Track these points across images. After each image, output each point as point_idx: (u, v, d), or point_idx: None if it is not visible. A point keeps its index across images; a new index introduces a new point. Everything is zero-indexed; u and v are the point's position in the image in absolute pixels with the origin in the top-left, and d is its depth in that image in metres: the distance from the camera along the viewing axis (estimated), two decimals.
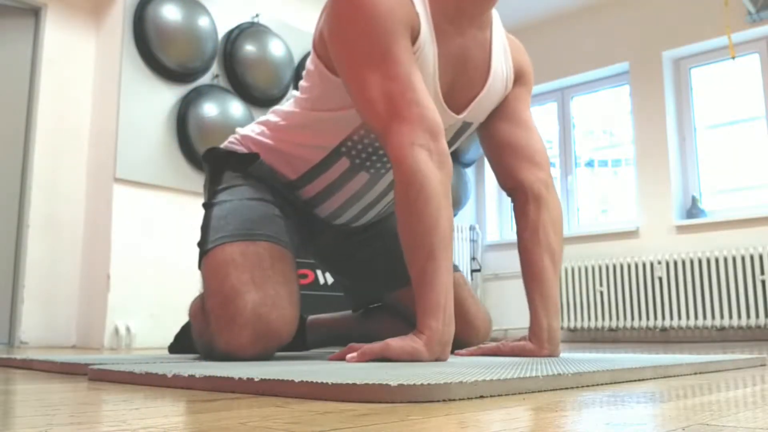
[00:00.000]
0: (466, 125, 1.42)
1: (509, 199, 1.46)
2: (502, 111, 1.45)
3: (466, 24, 1.31)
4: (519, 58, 1.47)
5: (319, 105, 1.39)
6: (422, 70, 1.24)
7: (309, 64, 1.39)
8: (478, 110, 1.40)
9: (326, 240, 1.62)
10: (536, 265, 1.35)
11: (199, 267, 1.40)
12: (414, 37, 1.23)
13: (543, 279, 1.34)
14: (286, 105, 1.49)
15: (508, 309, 4.60)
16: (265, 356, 1.27)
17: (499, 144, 1.44)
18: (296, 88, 1.50)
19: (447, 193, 1.17)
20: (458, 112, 1.37)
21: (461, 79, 1.34)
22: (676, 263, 4.00)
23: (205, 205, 1.48)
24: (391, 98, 1.17)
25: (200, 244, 1.40)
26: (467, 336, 1.54)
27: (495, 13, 1.40)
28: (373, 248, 1.65)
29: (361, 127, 1.37)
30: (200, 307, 1.40)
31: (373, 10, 1.18)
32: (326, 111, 1.38)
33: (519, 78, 1.46)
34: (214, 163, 1.53)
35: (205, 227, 1.41)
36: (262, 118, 1.54)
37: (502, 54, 1.41)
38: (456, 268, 1.55)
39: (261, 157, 1.47)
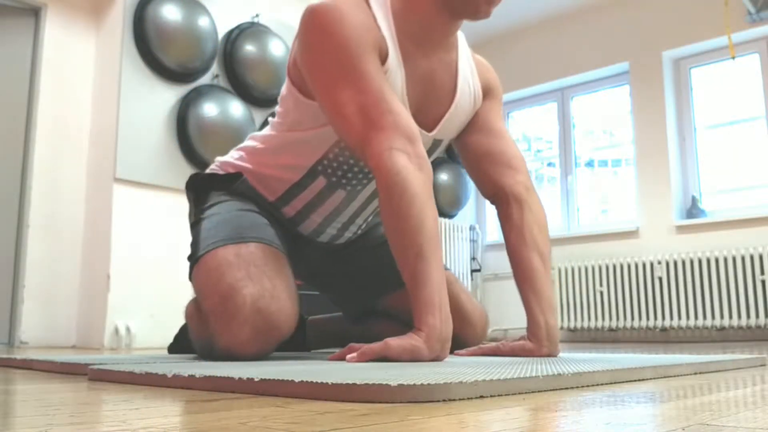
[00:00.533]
0: (437, 142, 1.47)
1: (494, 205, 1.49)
2: (475, 124, 1.50)
3: (432, 46, 1.37)
4: (486, 75, 1.52)
5: (294, 127, 1.44)
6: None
7: (284, 90, 1.45)
8: (447, 128, 1.45)
9: (312, 257, 1.62)
10: (526, 265, 1.37)
11: (190, 278, 1.39)
12: (382, 60, 1.28)
13: (535, 278, 1.35)
14: (264, 130, 1.54)
15: (507, 309, 4.60)
16: (266, 352, 1.27)
17: (476, 154, 1.49)
18: (273, 114, 1.54)
19: (430, 194, 1.20)
20: (428, 131, 1.42)
21: (429, 99, 1.39)
22: (676, 263, 4.00)
23: (192, 224, 1.49)
24: (365, 111, 1.22)
25: (190, 256, 1.40)
26: (465, 332, 1.54)
27: (461, 35, 1.46)
28: (359, 261, 1.67)
29: (336, 145, 1.41)
30: (196, 309, 1.40)
31: (342, 32, 1.24)
32: (302, 131, 1.42)
33: (487, 93, 1.52)
34: (196, 188, 1.55)
35: (195, 240, 1.42)
36: (241, 144, 1.59)
37: (469, 73, 1.46)
38: (445, 268, 1.56)
39: (243, 175, 1.50)
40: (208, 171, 1.58)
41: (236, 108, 3.64)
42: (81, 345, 3.34)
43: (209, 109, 3.54)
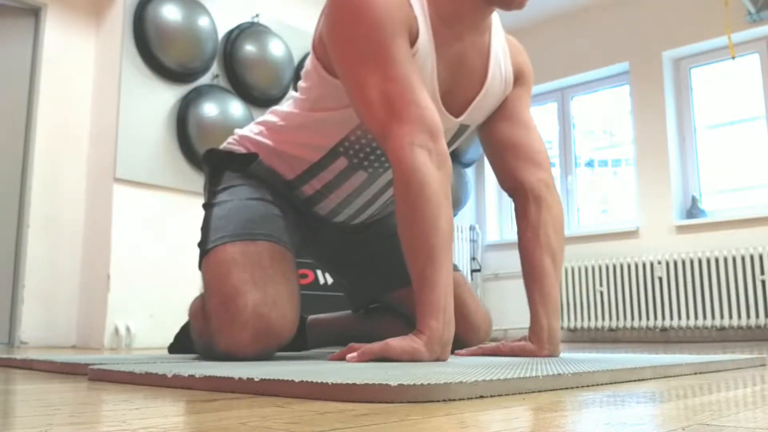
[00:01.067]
0: (463, 127, 1.43)
1: (509, 199, 1.46)
2: (502, 111, 1.45)
3: (465, 29, 1.32)
4: (519, 59, 1.47)
5: (317, 105, 1.39)
6: (420, 73, 1.24)
7: (308, 65, 1.40)
8: (475, 113, 1.41)
9: (326, 238, 1.62)
10: (537, 265, 1.35)
11: (200, 267, 1.40)
12: (412, 40, 1.24)
13: (543, 279, 1.34)
14: (285, 105, 1.49)
15: (508, 309, 4.60)
16: (265, 356, 1.27)
17: (500, 144, 1.45)
18: (296, 88, 1.51)
19: (447, 194, 1.17)
20: (456, 115, 1.38)
21: (459, 83, 1.35)
22: (676, 263, 4.00)
23: (205, 206, 1.49)
24: (389, 99, 1.18)
25: (200, 244, 1.40)
26: (467, 336, 1.54)
27: (495, 16, 1.41)
28: (372, 248, 1.65)
29: (358, 126, 1.38)
30: (200, 307, 1.40)
31: (371, 11, 1.19)
32: (325, 111, 1.39)
33: (518, 79, 1.47)
34: (213, 164, 1.53)
35: (206, 227, 1.42)
36: (261, 118, 1.55)
37: (501, 56, 1.41)
38: (455, 268, 1.55)
39: (260, 157, 1.48)
40: (225, 144, 1.55)
41: (236, 108, 3.64)
42: (81, 345, 3.34)
43: (209, 109, 3.54)
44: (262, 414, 0.59)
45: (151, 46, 3.42)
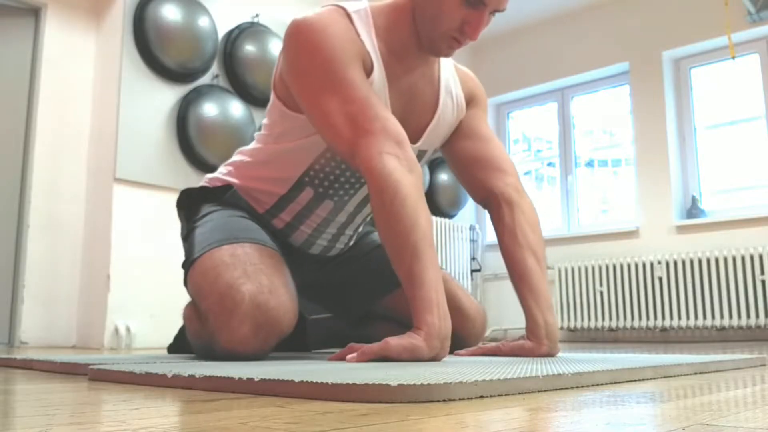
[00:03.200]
0: (421, 153, 1.49)
1: (486, 209, 1.51)
2: (462, 131, 1.53)
3: (414, 62, 1.40)
4: (469, 84, 1.55)
5: (281, 140, 1.46)
6: None
7: (270, 105, 1.47)
8: (431, 138, 1.48)
9: (304, 268, 1.62)
10: (521, 265, 1.38)
11: (185, 284, 1.39)
12: (367, 73, 1.31)
13: (530, 277, 1.36)
14: (251, 144, 1.56)
15: (507, 309, 4.60)
16: (266, 349, 1.26)
17: (465, 159, 1.52)
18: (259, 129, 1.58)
19: (421, 195, 1.22)
20: (413, 142, 1.43)
21: (412, 112, 1.42)
22: (676, 263, 4.00)
23: (184, 237, 1.50)
24: (353, 119, 1.24)
25: (185, 263, 1.41)
26: (464, 328, 1.54)
27: None
28: (350, 268, 1.68)
29: (322, 155, 1.43)
30: (193, 310, 1.40)
31: (326, 44, 1.27)
32: (288, 143, 1.44)
33: (471, 101, 1.54)
34: (188, 202, 1.57)
35: (189, 246, 1.43)
36: (229, 160, 1.61)
37: (452, 84, 1.49)
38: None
39: (234, 187, 1.52)
40: (198, 186, 1.60)
41: (236, 108, 3.64)
42: (81, 345, 3.34)
43: (209, 109, 3.54)
44: (262, 414, 0.59)
45: (151, 46, 3.42)
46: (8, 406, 0.70)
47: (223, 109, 3.58)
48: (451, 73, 1.51)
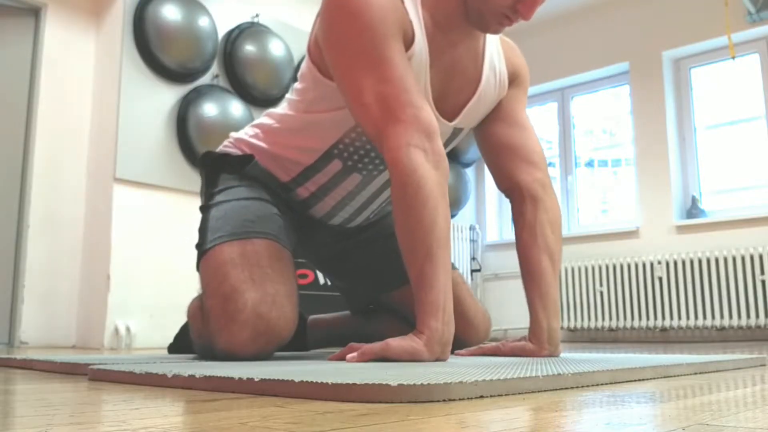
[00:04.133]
0: (457, 131, 1.44)
1: (508, 199, 1.46)
2: (498, 113, 1.46)
3: (459, 35, 1.33)
4: (514, 60, 1.48)
5: (312, 107, 1.40)
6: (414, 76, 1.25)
7: (303, 67, 1.41)
8: (469, 117, 1.42)
9: (322, 241, 1.62)
10: (535, 265, 1.35)
11: (197, 268, 1.40)
12: (407, 45, 1.24)
13: (542, 279, 1.34)
14: (280, 108, 1.50)
15: (508, 309, 4.60)
16: (265, 355, 1.27)
17: (496, 145, 1.45)
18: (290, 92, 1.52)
19: (444, 193, 1.18)
20: (449, 119, 1.39)
21: (451, 87, 1.36)
22: (676, 263, 4.00)
23: (202, 209, 1.49)
24: (385, 101, 1.18)
25: (198, 246, 1.40)
26: (467, 335, 1.54)
27: None
28: (368, 250, 1.65)
29: (353, 129, 1.38)
30: (198, 308, 1.40)
31: (367, 13, 1.19)
32: (319, 113, 1.39)
33: (514, 80, 1.47)
34: (209, 166, 1.54)
35: (203, 229, 1.41)
36: (256, 121, 1.56)
37: (496, 60, 1.42)
38: (453, 267, 1.55)
39: (255, 158, 1.48)
40: (221, 147, 1.56)
41: (236, 108, 3.64)
42: (81, 345, 3.34)
43: (209, 109, 3.54)
44: (262, 414, 0.59)
45: (151, 46, 3.42)
46: (8, 406, 0.70)
47: (223, 109, 3.58)
48: (496, 46, 1.43)
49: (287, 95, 1.50)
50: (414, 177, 1.14)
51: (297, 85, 1.44)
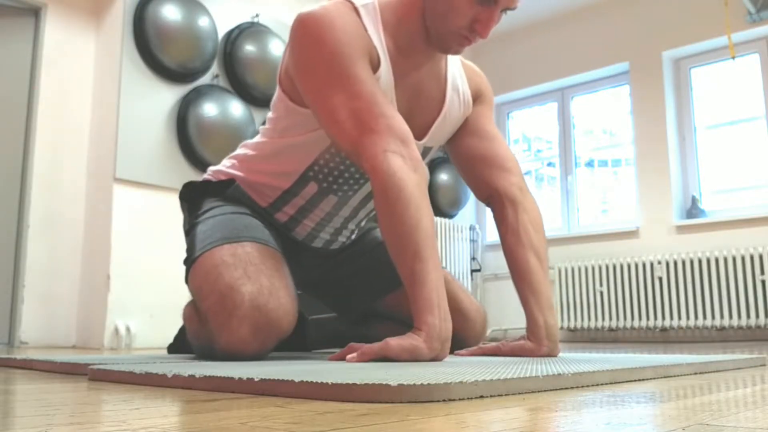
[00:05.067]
0: (427, 149, 1.49)
1: (489, 208, 1.50)
2: (466, 128, 1.52)
3: (421, 58, 1.38)
4: (476, 79, 1.54)
5: (285, 133, 1.45)
6: None
7: (275, 98, 1.47)
8: (437, 135, 1.47)
9: (307, 263, 1.62)
10: (523, 264, 1.37)
11: (186, 281, 1.39)
12: (373, 68, 1.30)
13: (532, 277, 1.36)
14: (256, 137, 1.55)
15: (507, 309, 4.60)
16: (265, 350, 1.26)
17: (470, 157, 1.51)
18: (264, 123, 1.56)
19: (425, 194, 1.21)
20: (418, 138, 1.42)
21: (417, 108, 1.41)
22: (676, 263, 4.00)
23: (187, 231, 1.50)
24: (358, 115, 1.22)
25: (186, 259, 1.40)
26: (464, 329, 1.54)
27: None
28: (353, 265, 1.67)
29: (326, 150, 1.42)
30: (194, 310, 1.40)
31: (333, 38, 1.25)
32: (292, 137, 1.44)
33: (477, 98, 1.53)
34: (190, 197, 1.56)
35: (191, 243, 1.42)
36: (233, 153, 1.60)
37: (459, 81, 1.48)
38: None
39: (236, 182, 1.51)
40: (201, 179, 1.59)
41: (236, 108, 3.64)
42: (81, 345, 3.34)
43: (209, 109, 3.54)
44: (262, 414, 0.59)
45: (151, 46, 3.42)
46: (8, 406, 0.70)
47: (223, 109, 3.58)
48: (458, 68, 1.50)
49: (261, 126, 1.54)
50: (394, 180, 1.18)
51: (270, 114, 1.50)
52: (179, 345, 1.74)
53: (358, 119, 1.22)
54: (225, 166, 1.57)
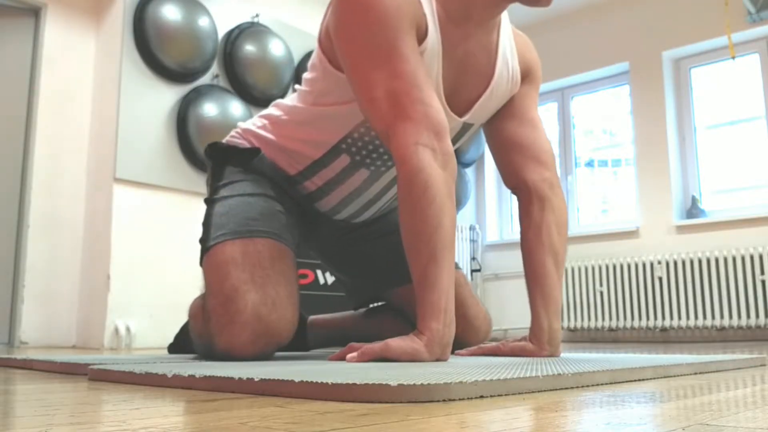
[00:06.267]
0: (467, 126, 1.42)
1: (510, 199, 1.47)
2: (508, 109, 1.43)
3: (473, 28, 1.30)
4: (527, 55, 1.45)
5: (321, 99, 1.38)
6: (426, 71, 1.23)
7: (313, 57, 1.39)
8: (480, 112, 1.40)
9: (327, 235, 1.61)
10: (539, 266, 1.34)
11: (201, 264, 1.40)
12: (420, 38, 1.22)
13: (545, 280, 1.33)
14: (289, 99, 1.48)
15: (508, 309, 4.60)
16: (264, 356, 1.27)
17: (505, 142, 1.43)
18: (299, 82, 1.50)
19: (451, 193, 1.17)
20: (460, 115, 1.37)
21: (463, 82, 1.33)
22: (676, 263, 4.00)
23: (206, 201, 1.48)
24: (395, 97, 1.16)
25: (202, 241, 1.40)
26: (467, 336, 1.54)
27: (504, 13, 1.38)
28: (374, 245, 1.65)
29: (362, 124, 1.37)
30: (200, 307, 1.40)
31: (380, 6, 1.17)
32: (328, 106, 1.37)
33: (526, 76, 1.44)
34: (215, 158, 1.53)
35: (207, 224, 1.41)
36: (265, 111, 1.54)
37: (509, 55, 1.39)
38: (457, 266, 1.54)
39: (262, 151, 1.47)
40: (228, 138, 1.55)
41: (236, 108, 3.64)
42: (81, 345, 3.34)
43: (209, 109, 3.54)
44: (262, 414, 0.59)
45: (151, 46, 3.42)
46: (8, 406, 0.70)
47: (223, 109, 3.58)
48: (509, 40, 1.39)
49: (296, 86, 1.48)
50: (421, 176, 1.13)
51: (306, 75, 1.42)
52: (180, 345, 1.74)
53: (395, 101, 1.15)
54: (256, 125, 1.50)
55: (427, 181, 1.13)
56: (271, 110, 1.51)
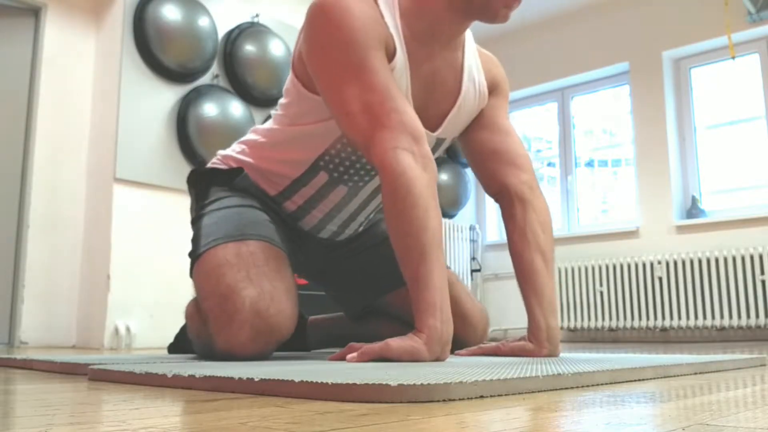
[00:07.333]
0: (440, 141, 1.46)
1: (498, 204, 1.48)
2: (480, 121, 1.48)
3: (438, 46, 1.35)
4: (493, 70, 1.51)
5: (297, 121, 1.42)
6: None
7: (287, 83, 1.44)
8: (450, 127, 1.44)
9: (313, 253, 1.62)
10: (528, 265, 1.36)
11: (191, 275, 1.39)
12: (389, 56, 1.26)
13: (537, 279, 1.35)
14: (267, 124, 1.53)
15: (508, 309, 4.60)
16: (265, 353, 1.27)
17: (482, 151, 1.48)
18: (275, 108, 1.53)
19: (434, 195, 1.19)
20: (432, 130, 1.40)
21: (432, 99, 1.38)
22: (676, 263, 4.00)
23: (193, 221, 1.49)
24: (370, 109, 1.20)
25: (191, 253, 1.40)
26: (465, 333, 1.54)
27: (468, 32, 1.43)
28: (360, 258, 1.66)
29: (338, 140, 1.40)
30: (196, 309, 1.40)
31: (349, 25, 1.22)
32: (305, 125, 1.41)
33: (493, 90, 1.50)
34: (198, 182, 1.55)
35: (196, 237, 1.41)
36: (243, 138, 1.58)
37: (474, 71, 1.45)
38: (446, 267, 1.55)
39: (245, 170, 1.50)
40: (209, 165, 1.57)
41: (236, 108, 3.64)
42: (81, 345, 3.34)
43: (209, 109, 3.54)
44: (262, 414, 0.59)
45: (151, 46, 3.42)
46: (8, 406, 0.70)
47: (223, 109, 3.58)
48: (474, 58, 1.45)
49: (272, 111, 1.52)
50: (403, 179, 1.15)
51: (282, 100, 1.47)
52: (180, 345, 1.74)
53: (370, 113, 1.19)
54: (235, 151, 1.54)
55: (409, 183, 1.16)
56: (249, 136, 1.55)
